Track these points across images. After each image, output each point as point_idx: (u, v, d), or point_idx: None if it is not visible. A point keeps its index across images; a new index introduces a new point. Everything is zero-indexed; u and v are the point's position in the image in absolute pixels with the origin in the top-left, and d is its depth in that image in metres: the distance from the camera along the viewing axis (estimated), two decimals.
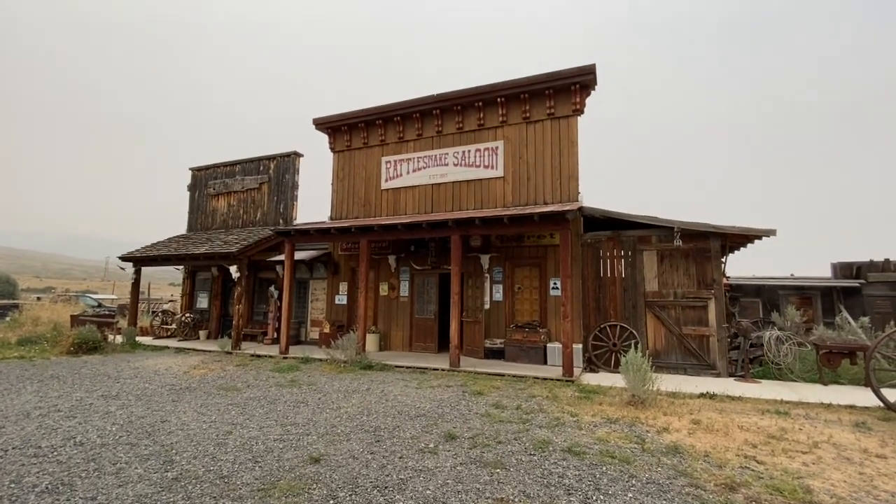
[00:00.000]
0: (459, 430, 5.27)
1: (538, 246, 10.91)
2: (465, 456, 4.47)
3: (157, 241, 15.83)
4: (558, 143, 10.95)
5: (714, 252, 9.52)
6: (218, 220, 16.09)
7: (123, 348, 12.47)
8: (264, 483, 3.81)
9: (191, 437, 5.01)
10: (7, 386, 7.62)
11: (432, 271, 12.16)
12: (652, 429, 5.42)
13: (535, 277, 10.89)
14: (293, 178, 14.90)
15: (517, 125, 11.47)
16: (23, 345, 12.41)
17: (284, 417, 5.84)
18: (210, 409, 6.22)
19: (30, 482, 3.79)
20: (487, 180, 11.66)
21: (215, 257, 12.79)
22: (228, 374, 8.89)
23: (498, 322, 11.00)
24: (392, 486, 3.75)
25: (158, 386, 7.77)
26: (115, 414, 5.97)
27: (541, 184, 11.02)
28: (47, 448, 4.63)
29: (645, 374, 6.51)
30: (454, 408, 6.34)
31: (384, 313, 12.71)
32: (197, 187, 16.82)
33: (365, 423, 5.57)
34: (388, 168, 13.04)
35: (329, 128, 13.92)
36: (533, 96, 11.21)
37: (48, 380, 8.20)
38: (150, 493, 3.60)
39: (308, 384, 7.94)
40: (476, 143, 11.90)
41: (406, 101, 12.56)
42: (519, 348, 10.17)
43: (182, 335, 14.72)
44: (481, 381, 8.17)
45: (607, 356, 9.88)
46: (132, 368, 9.50)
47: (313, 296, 14.40)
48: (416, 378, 8.60)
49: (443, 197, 12.17)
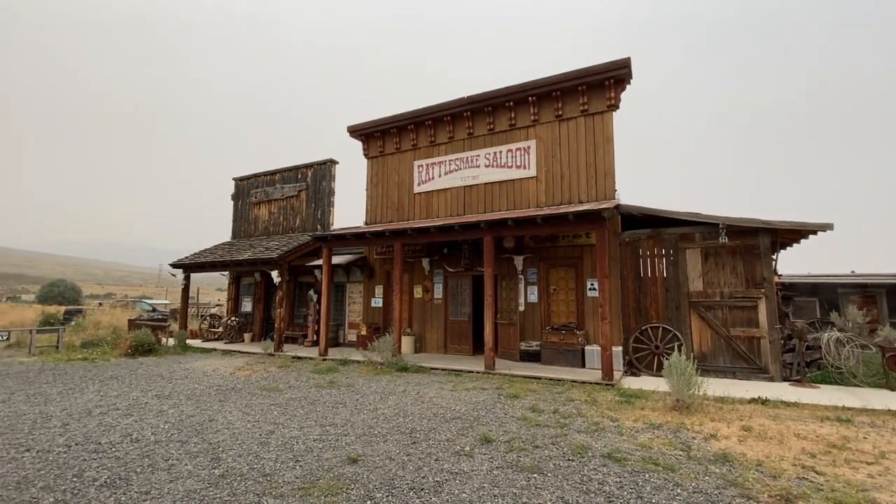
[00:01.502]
0: (495, 434, 5.22)
1: (573, 246, 10.68)
2: (501, 460, 4.42)
3: (204, 249, 16.66)
4: (593, 140, 10.69)
5: (763, 249, 8.99)
6: (260, 228, 16.75)
7: (175, 350, 13.18)
8: (304, 482, 3.91)
9: (236, 436, 5.22)
10: (72, 386, 8.22)
11: (465, 273, 12.14)
12: (698, 435, 5.17)
13: (571, 278, 10.65)
14: (329, 184, 15.30)
15: (549, 123, 11.29)
16: (86, 347, 13.36)
17: (324, 418, 5.98)
18: (254, 409, 6.46)
19: (90, 476, 4.06)
20: (520, 181, 11.53)
21: (258, 263, 13.32)
22: (271, 376, 9.21)
23: (533, 324, 10.84)
24: (428, 489, 3.76)
25: (207, 386, 8.16)
26: (168, 413, 6.31)
27: (575, 182, 10.79)
28: (106, 444, 4.95)
29: (690, 377, 6.22)
30: (489, 411, 6.29)
31: (419, 315, 12.80)
32: (240, 196, 17.58)
33: (401, 425, 5.62)
34: (421, 172, 13.15)
35: (363, 134, 14.21)
36: (565, 93, 11.00)
37: (108, 380, 8.78)
38: (198, 489, 3.78)
39: (346, 385, 8.10)
40: (508, 144, 11.81)
41: (436, 104, 12.64)
42: (555, 351, 9.97)
43: (228, 338, 15.40)
44: (517, 384, 8.07)
45: (649, 359, 9.52)
46: (183, 370, 10.02)
47: (350, 299, 14.70)
48: (451, 380, 8.60)
49: (475, 199, 12.15)
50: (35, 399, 7.12)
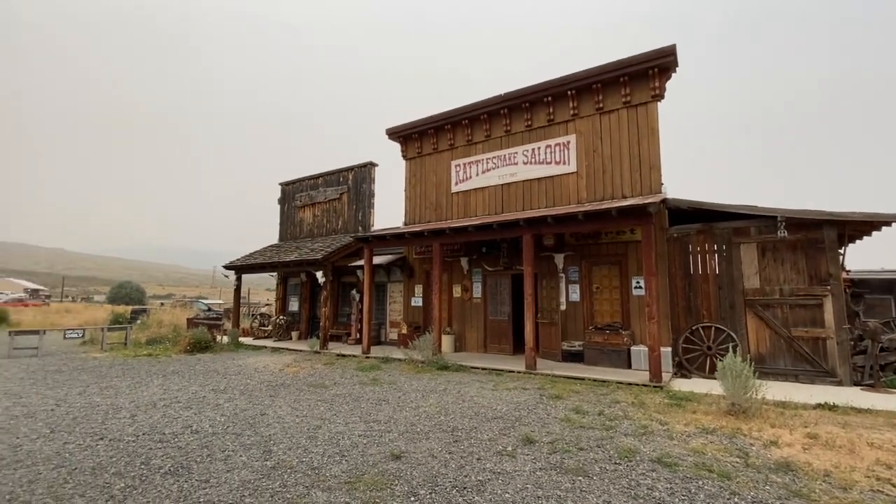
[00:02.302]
0: (538, 435, 5.15)
1: (617, 243, 10.33)
2: (544, 461, 4.36)
3: (254, 251, 17.49)
4: (636, 133, 10.31)
5: (829, 243, 8.33)
6: (305, 230, 17.38)
7: (229, 348, 13.92)
8: (350, 476, 4.02)
9: (286, 430, 5.44)
10: (139, 380, 8.87)
11: (504, 272, 12.04)
12: (757, 442, 4.87)
13: (616, 276, 10.32)
14: (370, 187, 15.63)
15: (590, 117, 10.99)
16: (150, 344, 14.37)
17: (367, 414, 6.12)
18: (302, 405, 6.71)
19: (156, 464, 4.37)
20: (559, 177, 11.30)
21: (303, 264, 13.83)
22: (317, 373, 9.54)
23: (575, 323, 10.59)
24: (471, 488, 3.77)
25: (258, 382, 8.56)
26: (223, 406, 6.67)
27: (618, 177, 10.44)
28: (169, 434, 5.31)
29: (746, 380, 5.87)
30: (531, 411, 6.21)
31: (458, 315, 12.83)
32: (286, 200, 18.31)
33: (443, 423, 5.66)
34: (458, 171, 13.17)
35: (401, 136, 14.41)
36: (606, 85, 10.67)
37: (170, 375, 9.40)
38: (252, 480, 3.97)
39: (388, 383, 8.25)
40: (546, 140, 11.60)
41: (473, 103, 12.61)
42: (599, 351, 9.70)
43: (277, 336, 16.09)
44: (559, 385, 7.92)
45: (701, 360, 9.07)
46: (236, 366, 10.57)
47: (391, 298, 14.96)
48: (492, 380, 8.56)
49: (513, 196, 12.02)
50: (107, 392, 7.74)
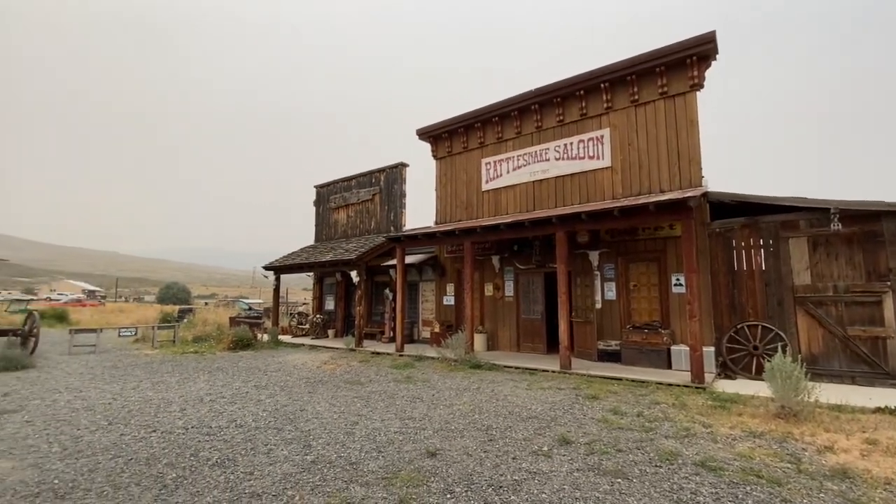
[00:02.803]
0: (574, 435, 5.07)
1: (655, 239, 10.01)
2: (581, 462, 4.29)
3: (291, 252, 18.05)
4: (674, 124, 9.94)
5: (889, 236, 7.76)
6: (339, 231, 17.78)
7: (269, 345, 14.43)
8: (387, 472, 4.09)
9: (324, 426, 5.60)
10: (187, 376, 9.34)
11: (537, 270, 11.90)
12: (810, 447, 4.61)
13: (654, 273, 10.00)
14: (401, 187, 15.80)
15: (624, 110, 10.69)
16: (196, 342, 15.08)
17: (402, 412, 6.21)
18: (339, 401, 6.88)
19: (204, 456, 4.59)
20: (593, 172, 11.05)
21: (338, 264, 14.16)
22: (353, 370, 9.74)
23: (612, 322, 10.34)
24: (507, 487, 3.75)
25: (297, 378, 8.84)
26: (265, 402, 6.93)
27: (655, 171, 10.10)
28: (216, 428, 5.57)
29: (797, 381, 5.56)
30: (567, 411, 6.12)
31: (490, 313, 12.79)
32: (321, 202, 18.79)
33: (477, 422, 5.66)
34: (489, 169, 13.11)
35: (431, 136, 14.49)
36: (641, 76, 10.34)
37: (215, 371, 9.85)
38: (293, 473, 4.11)
39: (422, 381, 8.33)
40: (579, 134, 11.37)
41: (503, 100, 12.52)
42: (637, 351, 9.43)
43: (314, 334, 16.54)
44: (595, 385, 7.76)
45: (746, 361, 8.66)
46: (276, 363, 10.95)
47: (423, 297, 15.08)
48: (526, 379, 8.49)
49: (545, 193, 11.85)
50: (158, 387, 8.20)
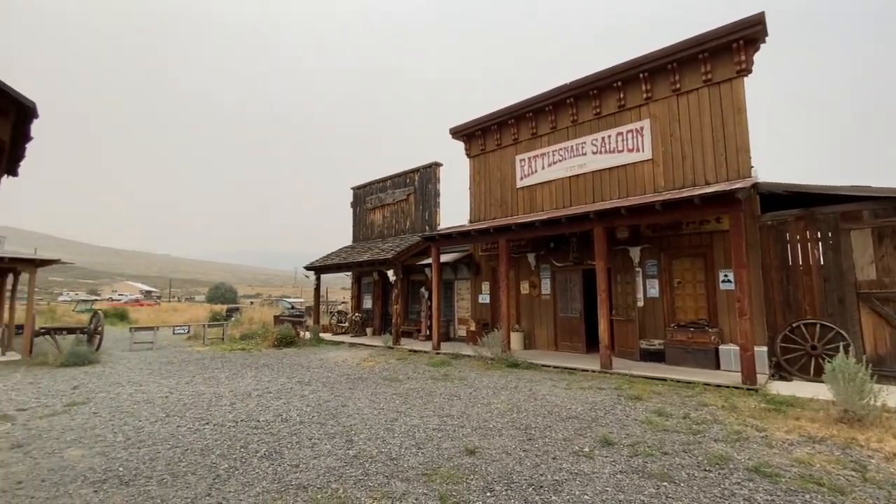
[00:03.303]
0: (616, 436, 4.94)
1: (700, 233, 9.57)
2: (624, 464, 4.18)
3: (330, 253, 18.55)
4: (720, 113, 9.46)
5: None
6: (375, 231, 18.11)
7: (311, 343, 14.91)
8: (427, 468, 4.14)
9: (365, 421, 5.73)
10: (235, 371, 9.80)
11: (574, 267, 11.65)
12: (876, 454, 4.29)
13: (699, 269, 9.57)
14: (435, 186, 15.89)
15: (665, 100, 10.28)
16: (243, 339, 15.79)
17: (440, 409, 6.26)
18: (379, 398, 7.02)
19: (253, 448, 4.81)
20: (633, 165, 10.70)
21: (375, 263, 14.43)
22: (391, 367, 9.91)
23: (654, 321, 9.98)
24: (547, 487, 3.71)
25: (338, 375, 9.09)
26: (309, 397, 7.17)
27: (699, 162, 9.66)
28: (263, 422, 5.81)
29: (862, 384, 5.18)
30: (609, 412, 5.97)
31: (527, 312, 12.65)
32: (357, 203, 19.20)
33: (515, 421, 5.63)
34: (523, 166, 12.96)
35: (464, 135, 14.48)
36: (683, 64, 9.91)
37: (261, 367, 10.28)
38: (336, 466, 4.24)
39: (459, 379, 8.36)
40: (617, 127, 11.03)
41: (537, 94, 12.33)
42: (683, 350, 9.06)
43: (353, 332, 16.94)
44: (638, 385, 7.53)
45: (803, 361, 8.14)
46: (318, 360, 11.30)
47: (458, 295, 15.12)
48: (565, 378, 8.35)
49: (582, 189, 11.59)
50: (210, 381, 8.65)
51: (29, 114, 1.92)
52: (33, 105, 1.88)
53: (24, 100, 1.84)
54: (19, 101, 1.82)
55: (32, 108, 1.86)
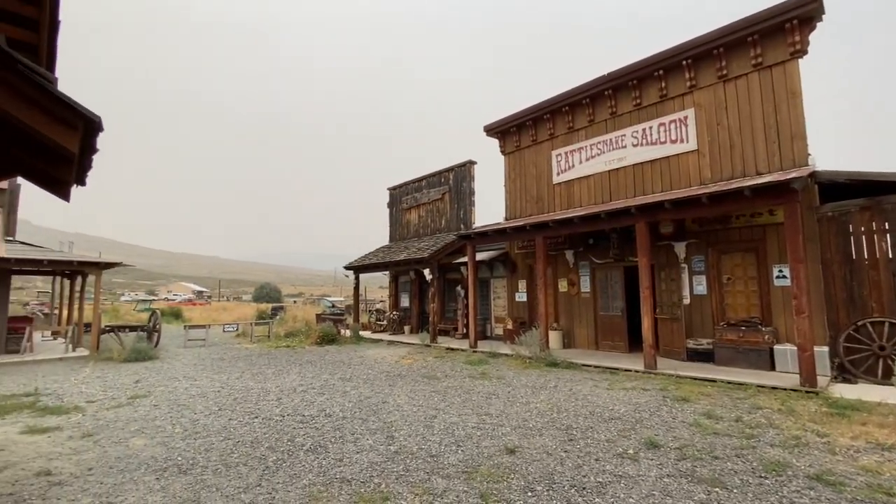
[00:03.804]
0: (663, 439, 4.77)
1: (752, 226, 9.06)
2: (671, 467, 4.03)
3: (367, 252, 18.94)
4: (772, 98, 8.91)
5: None
6: (411, 230, 18.31)
7: (351, 340, 15.29)
8: (467, 466, 4.15)
9: (405, 418, 5.82)
10: (280, 368, 10.19)
11: (615, 264, 11.32)
12: None
13: (751, 265, 9.06)
14: (469, 185, 15.87)
15: (711, 87, 9.79)
16: (288, 337, 16.40)
17: (479, 407, 6.26)
18: (418, 395, 7.11)
19: (299, 442, 4.99)
20: (676, 157, 10.26)
21: (411, 262, 14.60)
22: (429, 365, 10.00)
23: (702, 319, 9.54)
24: (590, 489, 3.64)
25: (378, 372, 9.27)
26: (350, 394, 7.36)
27: (749, 151, 9.14)
28: (308, 416, 6.02)
29: None
30: (654, 413, 5.77)
31: (565, 310, 12.41)
32: (393, 204, 19.48)
33: (556, 420, 5.55)
34: (559, 161, 12.71)
35: (499, 132, 14.37)
36: (730, 49, 9.40)
37: (305, 364, 10.64)
38: (378, 462, 4.33)
39: (497, 378, 8.33)
40: (659, 118, 10.62)
41: (573, 88, 12.06)
42: (734, 350, 8.62)
43: (391, 330, 17.23)
44: (685, 386, 7.23)
45: (870, 363, 7.54)
46: (358, 357, 11.57)
47: (495, 293, 15.04)
48: (606, 378, 8.14)
49: (622, 182, 11.23)
50: (257, 377, 9.04)
51: (95, 127, 2.06)
52: (99, 119, 2.03)
53: (90, 114, 1.98)
54: (87, 116, 1.97)
55: (98, 122, 2.00)
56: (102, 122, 2.07)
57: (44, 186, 2.78)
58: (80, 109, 1.95)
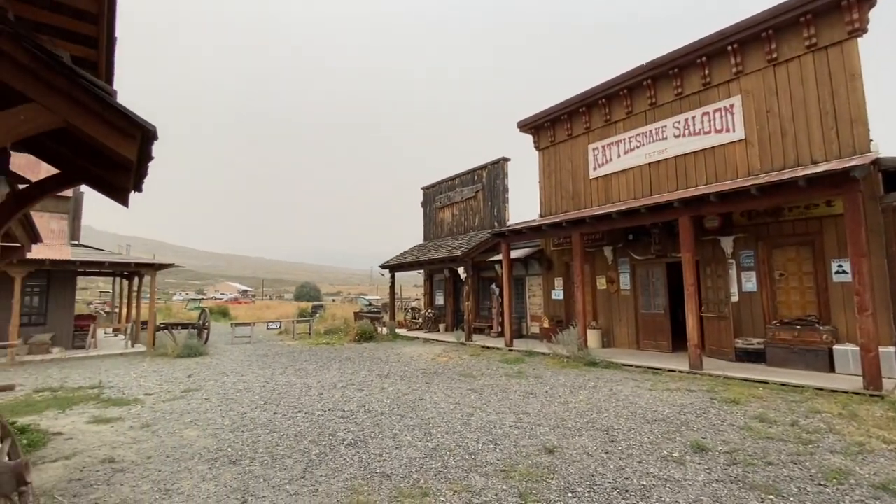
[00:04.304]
0: (711, 442, 4.56)
1: (807, 219, 8.50)
2: (721, 472, 3.85)
3: (402, 252, 19.18)
4: (828, 81, 8.32)
5: None
6: (445, 229, 18.38)
7: (388, 338, 15.54)
8: (505, 465, 4.13)
9: (442, 415, 5.86)
10: (321, 364, 10.49)
11: (657, 260, 10.92)
12: None
13: (807, 260, 8.51)
14: (503, 182, 15.76)
15: (759, 72, 9.25)
16: (327, 334, 16.86)
17: (516, 406, 6.21)
18: (454, 393, 7.13)
19: (340, 436, 5.13)
20: (722, 147, 9.77)
21: (445, 261, 14.67)
22: (464, 363, 10.02)
23: (752, 317, 9.05)
24: (633, 491, 3.54)
25: (414, 369, 9.37)
26: (388, 390, 7.48)
27: (803, 139, 8.58)
28: (348, 412, 6.17)
29: None
30: (701, 416, 5.54)
31: (604, 308, 12.09)
32: (427, 203, 19.62)
33: (595, 421, 5.42)
34: (596, 155, 12.39)
35: (532, 127, 14.17)
36: (780, 30, 8.85)
37: (344, 361, 10.91)
38: (417, 458, 4.38)
39: (534, 377, 8.23)
40: (702, 107, 10.14)
41: (610, 80, 11.72)
42: (788, 350, 8.13)
43: (426, 328, 17.37)
44: (734, 388, 6.88)
45: None
46: (395, 354, 11.75)
47: (530, 292, 14.86)
48: (649, 379, 7.88)
49: (663, 175, 10.82)
50: (299, 373, 9.35)
51: (150, 136, 2.19)
52: (154, 128, 2.15)
53: (147, 124, 2.10)
54: (143, 126, 2.09)
55: (153, 131, 2.12)
56: (157, 131, 2.20)
57: (106, 193, 2.98)
58: (138, 120, 2.08)
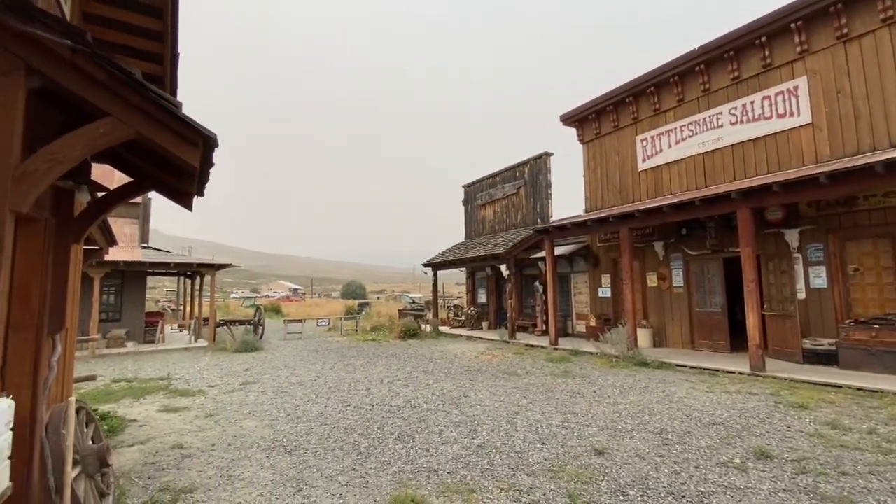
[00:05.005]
0: (776, 449, 4.28)
1: (885, 208, 7.75)
2: (788, 481, 3.60)
3: (444, 250, 19.31)
4: None
5: None
6: (486, 227, 18.30)
7: (431, 335, 15.70)
8: (553, 465, 4.07)
9: (487, 413, 5.85)
10: (367, 360, 10.77)
11: (712, 256, 10.33)
12: None
13: (885, 253, 7.76)
14: (546, 177, 15.47)
15: (827, 49, 8.53)
16: (373, 331, 17.28)
17: (563, 406, 6.09)
18: (499, 390, 7.11)
19: (388, 430, 5.25)
20: (785, 133, 9.10)
21: (487, 258, 14.62)
22: (509, 361, 9.95)
23: (822, 316, 8.38)
24: (690, 497, 3.38)
25: (458, 367, 9.42)
26: (433, 386, 7.57)
27: (880, 121, 7.82)
28: (395, 407, 6.30)
29: None
30: (764, 420, 5.20)
31: (655, 306, 11.60)
32: (468, 201, 19.61)
33: (647, 423, 5.23)
34: (645, 146, 11.90)
35: (576, 120, 13.83)
36: (850, 4, 8.11)
37: (390, 357, 11.15)
38: (463, 454, 4.40)
39: (581, 376, 8.04)
40: (762, 91, 9.48)
41: (658, 67, 11.22)
42: (864, 352, 7.45)
43: (469, 325, 17.40)
44: (802, 392, 6.41)
45: None
46: (439, 351, 11.86)
47: (575, 289, 14.51)
48: (705, 380, 7.49)
49: (718, 165, 10.22)
50: (348, 368, 9.65)
51: (212, 144, 2.33)
52: (215, 136, 2.28)
53: (209, 132, 2.24)
54: (206, 134, 2.22)
55: (214, 138, 2.26)
56: (217, 139, 2.34)
57: (172, 198, 3.21)
58: (201, 129, 2.22)
